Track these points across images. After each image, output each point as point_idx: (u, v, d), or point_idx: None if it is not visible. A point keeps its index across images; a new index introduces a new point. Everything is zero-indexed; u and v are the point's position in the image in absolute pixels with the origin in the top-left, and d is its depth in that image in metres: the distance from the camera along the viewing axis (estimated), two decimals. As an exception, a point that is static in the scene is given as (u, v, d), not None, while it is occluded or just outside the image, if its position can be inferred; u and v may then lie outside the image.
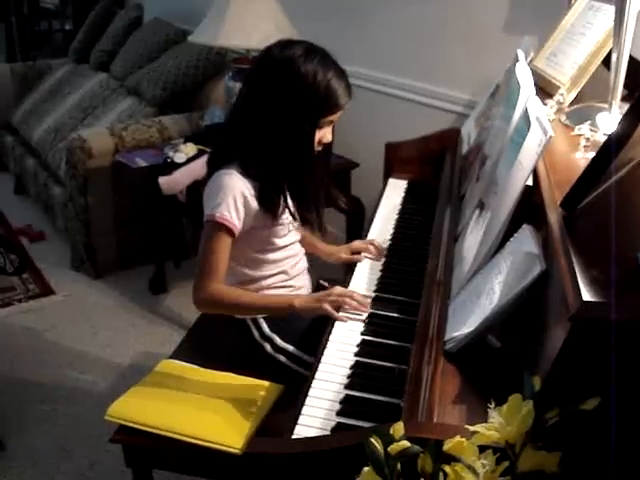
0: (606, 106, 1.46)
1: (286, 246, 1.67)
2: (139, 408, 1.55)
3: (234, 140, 1.54)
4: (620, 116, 1.42)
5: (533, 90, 1.31)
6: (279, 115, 1.46)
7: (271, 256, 1.66)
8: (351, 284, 1.56)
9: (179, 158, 2.52)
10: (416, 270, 1.59)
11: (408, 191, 2.09)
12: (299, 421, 1.11)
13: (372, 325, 1.40)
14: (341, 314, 1.44)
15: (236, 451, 1.44)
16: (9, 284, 3.12)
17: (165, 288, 3.12)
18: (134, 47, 3.92)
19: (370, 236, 1.80)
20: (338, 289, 1.51)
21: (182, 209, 2.60)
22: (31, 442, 2.22)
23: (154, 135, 3.12)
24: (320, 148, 1.55)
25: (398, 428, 0.78)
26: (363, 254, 1.73)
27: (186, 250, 3.18)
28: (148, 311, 2.98)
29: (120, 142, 3.04)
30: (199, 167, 2.51)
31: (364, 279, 1.59)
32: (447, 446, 0.68)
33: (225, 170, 1.52)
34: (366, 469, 0.77)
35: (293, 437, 1.08)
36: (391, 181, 2.15)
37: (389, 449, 0.70)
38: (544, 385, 0.78)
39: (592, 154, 1.27)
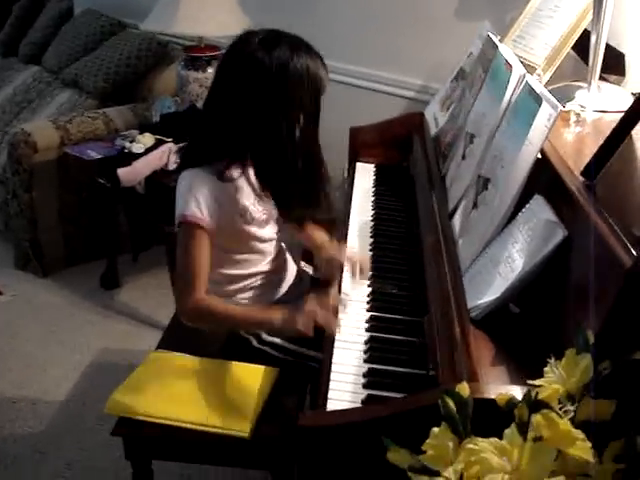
0: (582, 85, 1.55)
1: (263, 242, 1.63)
2: (138, 399, 1.54)
3: (219, 139, 1.48)
4: (599, 94, 1.50)
5: (524, 69, 1.38)
6: (276, 111, 1.42)
7: (246, 256, 1.62)
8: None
9: (137, 149, 2.47)
10: (405, 247, 1.64)
11: (377, 174, 2.13)
12: (329, 395, 1.13)
13: (376, 302, 1.43)
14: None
15: (245, 435, 1.45)
16: (-50, 287, 2.98)
17: (118, 283, 3.05)
18: (67, 39, 3.79)
19: (352, 218, 1.82)
20: (308, 305, 1.40)
21: (140, 200, 2.55)
22: (4, 444, 2.16)
23: (100, 127, 3.04)
24: None
25: (464, 388, 0.81)
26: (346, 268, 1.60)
27: (144, 242, 3.11)
28: (102, 307, 2.92)
29: (66, 135, 2.95)
30: (157, 157, 2.49)
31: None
32: (543, 394, 0.72)
33: (191, 171, 1.48)
34: (436, 429, 0.80)
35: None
36: (359, 165, 2.18)
37: (498, 399, 0.74)
38: (597, 339, 0.83)
39: (580, 129, 1.35)
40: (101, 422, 2.24)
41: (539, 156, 1.17)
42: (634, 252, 0.81)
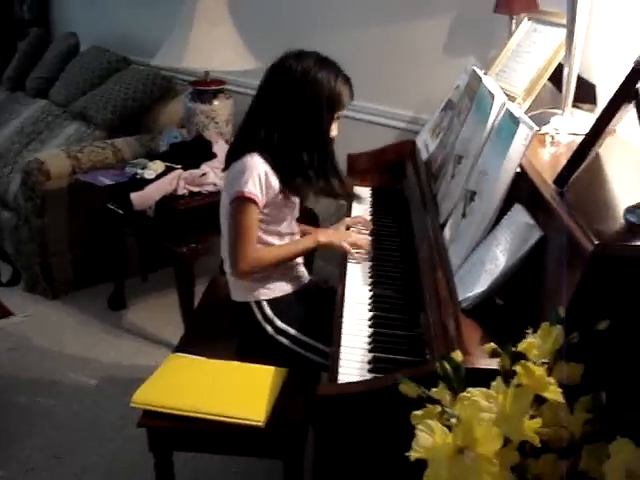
0: (557, 111, 1.75)
1: (292, 228, 1.96)
2: (160, 394, 1.69)
3: (253, 134, 1.80)
4: (572, 119, 1.70)
5: (505, 97, 1.57)
6: (296, 111, 1.77)
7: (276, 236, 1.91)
8: (347, 280, 1.74)
9: (149, 175, 2.65)
10: (401, 258, 1.82)
11: (373, 196, 2.31)
12: (339, 378, 1.29)
13: (377, 303, 1.60)
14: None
15: (260, 424, 1.61)
16: (-35, 308, 3.12)
17: (125, 304, 3.20)
18: (75, 74, 4.00)
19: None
20: (354, 236, 1.90)
21: (150, 224, 2.72)
22: (20, 453, 2.28)
23: (109, 156, 3.22)
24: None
25: (457, 355, 0.98)
26: (353, 229, 2.04)
27: (153, 264, 3.27)
28: (111, 327, 3.06)
29: (77, 164, 3.13)
30: (167, 183, 2.66)
31: (358, 273, 1.79)
32: (521, 346, 0.89)
33: (248, 155, 1.77)
34: (435, 389, 0.97)
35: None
36: (356, 189, 2.36)
37: (485, 349, 0.91)
38: (567, 314, 1.01)
39: (555, 149, 1.54)
40: (116, 430, 2.38)
41: (518, 170, 1.36)
42: (595, 241, 0.99)
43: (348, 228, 2.03)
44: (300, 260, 1.96)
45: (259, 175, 1.76)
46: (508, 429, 0.85)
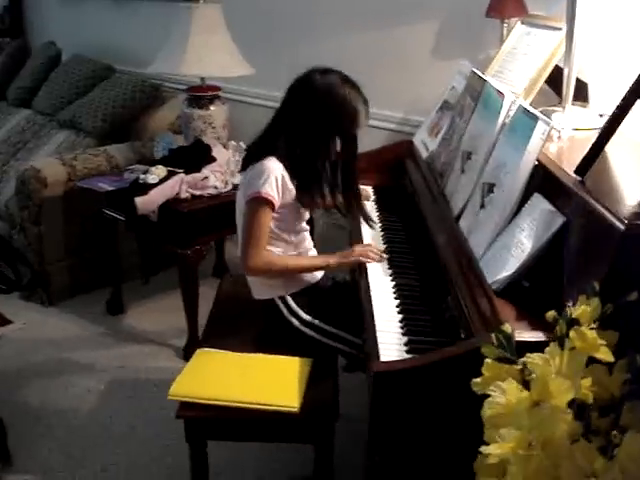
0: (556, 109, 1.88)
1: (303, 227, 2.03)
2: (196, 386, 1.77)
3: (274, 141, 1.89)
4: (573, 115, 1.83)
5: (514, 96, 1.69)
6: (315, 123, 1.85)
7: (293, 236, 1.99)
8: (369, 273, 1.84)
9: (152, 179, 2.71)
10: (413, 249, 1.93)
11: (376, 193, 2.42)
12: (380, 359, 1.39)
13: (401, 291, 1.71)
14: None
15: (294, 410, 1.69)
16: (-37, 316, 3.13)
17: (122, 309, 3.25)
18: (59, 83, 4.04)
19: (364, 235, 2.10)
20: (358, 247, 1.91)
21: (153, 227, 2.78)
22: (38, 454, 2.32)
23: (102, 163, 3.28)
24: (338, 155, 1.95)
25: (507, 327, 1.09)
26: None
27: (154, 267, 3.33)
28: (111, 331, 3.11)
29: (72, 171, 3.18)
30: (170, 187, 2.73)
31: (377, 266, 1.88)
32: (576, 313, 1.00)
33: (266, 158, 1.86)
34: (488, 360, 1.07)
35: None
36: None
37: (547, 315, 1.01)
38: (601, 288, 1.12)
39: (561, 143, 1.67)
40: (129, 431, 2.44)
41: (535, 163, 1.47)
42: (625, 221, 1.11)
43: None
44: (315, 253, 2.06)
45: (276, 177, 1.85)
46: (565, 388, 0.95)
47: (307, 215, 2.03)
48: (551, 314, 1.02)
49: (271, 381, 1.79)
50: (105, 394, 2.65)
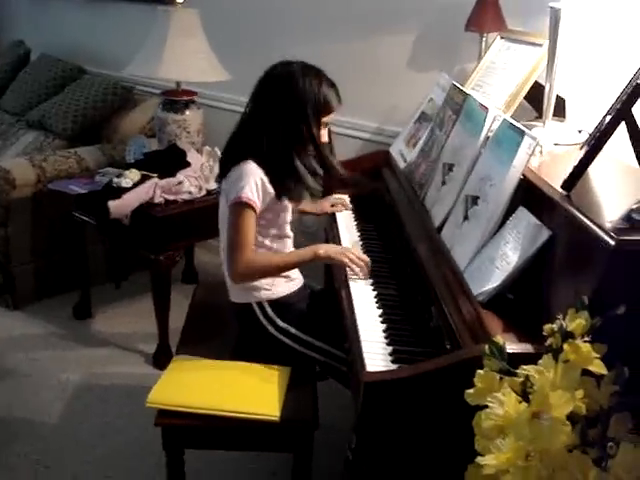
0: (534, 124, 1.91)
1: (285, 232, 2.03)
2: (174, 394, 1.75)
3: (247, 138, 1.90)
4: (551, 130, 1.87)
5: (498, 110, 1.72)
6: (282, 113, 1.86)
7: (275, 243, 1.99)
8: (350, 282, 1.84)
9: (126, 183, 2.68)
10: (393, 258, 1.94)
11: (353, 202, 2.43)
12: (366, 369, 1.39)
13: (382, 301, 1.72)
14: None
15: (275, 419, 1.69)
16: None
17: (90, 314, 3.20)
18: (27, 82, 3.98)
19: (342, 239, 2.11)
20: (356, 251, 1.90)
21: (125, 232, 2.74)
22: (6, 461, 2.26)
23: (73, 165, 3.23)
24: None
25: (499, 339, 1.11)
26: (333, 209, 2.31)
27: (125, 272, 3.28)
28: (78, 335, 3.06)
29: (42, 173, 3.13)
30: (144, 191, 2.70)
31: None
32: (571, 326, 1.02)
33: (244, 162, 1.86)
34: (481, 371, 1.09)
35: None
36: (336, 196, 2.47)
37: (545, 328, 1.03)
38: (590, 302, 1.14)
39: (541, 157, 1.70)
40: (100, 438, 2.39)
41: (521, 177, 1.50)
42: (616, 237, 1.13)
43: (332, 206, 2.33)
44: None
45: (256, 181, 1.85)
46: (559, 400, 0.97)
47: (289, 217, 2.03)
48: (549, 327, 1.04)
49: (250, 389, 1.78)
50: (73, 400, 2.61)
